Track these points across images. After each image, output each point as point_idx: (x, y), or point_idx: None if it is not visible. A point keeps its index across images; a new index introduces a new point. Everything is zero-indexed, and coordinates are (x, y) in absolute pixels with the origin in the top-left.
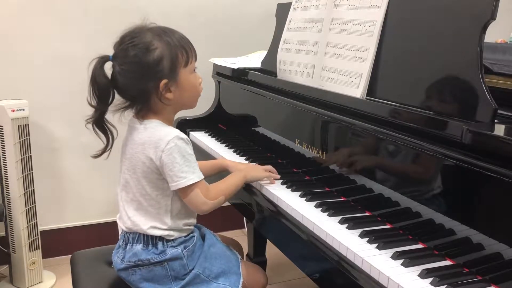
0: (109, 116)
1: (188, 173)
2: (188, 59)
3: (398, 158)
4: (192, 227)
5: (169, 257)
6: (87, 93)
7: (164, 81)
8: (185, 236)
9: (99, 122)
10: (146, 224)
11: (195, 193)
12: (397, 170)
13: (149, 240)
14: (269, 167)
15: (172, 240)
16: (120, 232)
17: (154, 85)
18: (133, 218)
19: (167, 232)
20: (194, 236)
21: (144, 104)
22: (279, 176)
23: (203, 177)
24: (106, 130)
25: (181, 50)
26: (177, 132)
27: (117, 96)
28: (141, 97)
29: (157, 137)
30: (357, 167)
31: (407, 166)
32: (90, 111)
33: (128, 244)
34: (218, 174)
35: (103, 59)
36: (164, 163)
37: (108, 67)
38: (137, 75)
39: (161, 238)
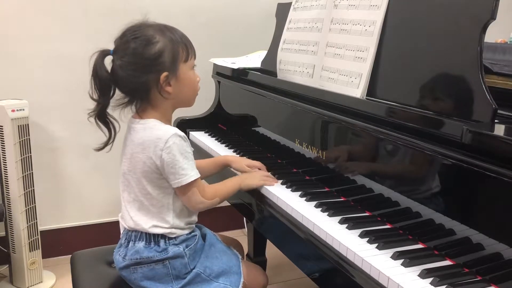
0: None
1: (189, 170)
2: (189, 54)
3: (398, 158)
4: (193, 225)
5: (171, 255)
6: (89, 87)
7: (165, 73)
8: (187, 235)
9: (101, 116)
10: (148, 223)
11: (193, 192)
12: (397, 170)
13: (151, 238)
14: (266, 174)
15: (174, 238)
16: (122, 231)
17: (154, 78)
18: (135, 218)
19: (169, 230)
20: (196, 235)
21: (143, 99)
22: (274, 184)
23: (199, 175)
24: (108, 124)
25: (182, 45)
26: (175, 130)
27: (117, 92)
28: (141, 90)
29: (156, 136)
30: (357, 167)
31: (407, 166)
32: (90, 110)
33: (130, 242)
34: (221, 170)
35: (104, 53)
36: (165, 162)
37: (107, 63)
38: (138, 67)
39: (163, 236)
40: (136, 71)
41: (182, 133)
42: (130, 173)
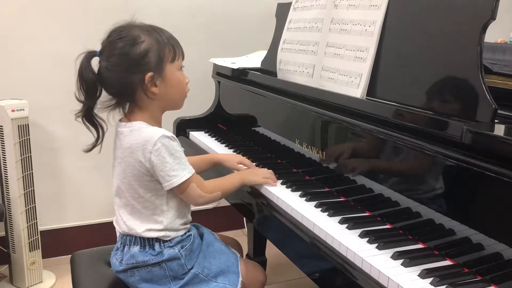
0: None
1: (179, 171)
2: (175, 55)
3: (398, 158)
4: (188, 226)
5: (167, 258)
6: (75, 88)
7: (150, 74)
8: (182, 236)
9: (88, 117)
10: (142, 228)
11: (191, 188)
12: (397, 170)
13: (146, 241)
14: (268, 172)
15: (169, 240)
16: (117, 235)
17: (139, 78)
18: (128, 222)
19: (163, 232)
20: (191, 235)
21: (130, 100)
22: (276, 184)
23: (194, 171)
24: (96, 124)
25: (168, 45)
26: (162, 131)
27: (104, 93)
28: (127, 91)
29: (143, 139)
30: (357, 167)
31: (407, 166)
32: (76, 111)
33: (126, 246)
34: (211, 168)
35: (90, 54)
36: (154, 164)
37: (95, 64)
38: (123, 67)
39: (157, 239)
40: (121, 72)
41: (170, 133)
42: (119, 177)
